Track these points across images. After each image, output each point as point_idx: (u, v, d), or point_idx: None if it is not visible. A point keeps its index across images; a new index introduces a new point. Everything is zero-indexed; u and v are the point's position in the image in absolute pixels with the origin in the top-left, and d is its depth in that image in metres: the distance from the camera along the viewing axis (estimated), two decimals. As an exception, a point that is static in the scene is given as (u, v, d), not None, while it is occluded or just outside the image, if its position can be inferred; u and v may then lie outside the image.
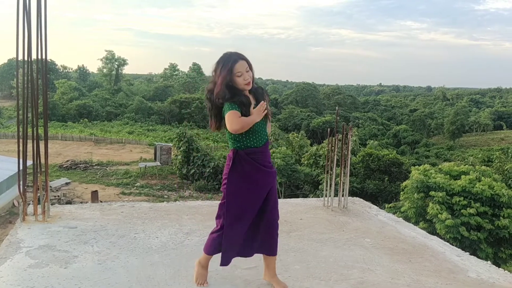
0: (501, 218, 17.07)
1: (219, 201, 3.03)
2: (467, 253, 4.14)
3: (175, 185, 33.94)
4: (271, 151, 31.16)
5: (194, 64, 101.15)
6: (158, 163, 38.03)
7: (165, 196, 29.68)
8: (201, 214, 4.64)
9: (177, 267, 3.30)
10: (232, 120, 2.60)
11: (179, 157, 35.11)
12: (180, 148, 35.19)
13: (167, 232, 4.04)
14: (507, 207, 17.42)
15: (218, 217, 2.94)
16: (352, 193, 6.13)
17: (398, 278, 3.36)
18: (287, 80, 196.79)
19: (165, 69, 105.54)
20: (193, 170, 34.13)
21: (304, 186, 31.65)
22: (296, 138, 39.83)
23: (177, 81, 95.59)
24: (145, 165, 36.44)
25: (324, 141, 35.53)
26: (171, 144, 40.01)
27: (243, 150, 2.76)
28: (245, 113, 2.67)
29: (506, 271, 3.80)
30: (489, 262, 4.06)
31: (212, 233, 2.98)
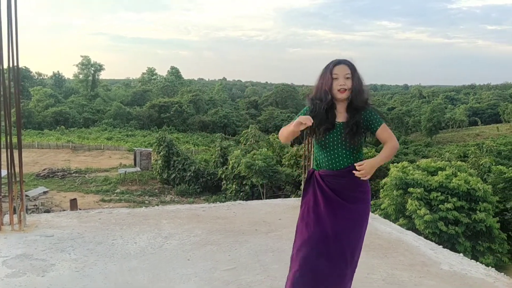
0: (477, 212, 17.52)
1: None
2: (440, 246, 4.27)
3: (156, 190, 33.65)
4: (251, 153, 31.23)
5: (172, 67, 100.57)
6: (138, 169, 37.65)
7: (146, 202, 29.41)
8: (180, 218, 4.65)
9: (156, 271, 3.32)
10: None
11: (159, 161, 34.85)
12: (160, 152, 34.92)
13: (146, 237, 4.05)
14: (483, 201, 17.89)
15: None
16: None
17: (373, 273, 3.45)
18: (267, 82, 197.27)
19: (143, 73, 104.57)
20: (174, 175, 33.91)
21: (286, 187, 31.77)
22: (277, 139, 39.95)
23: (156, 85, 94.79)
24: (125, 171, 36.02)
25: (303, 142, 35.76)
26: (150, 149, 39.66)
27: (317, 171, 2.46)
28: (316, 122, 2.37)
29: (477, 263, 3.93)
30: (461, 254, 4.19)
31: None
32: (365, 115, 2.41)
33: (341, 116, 2.42)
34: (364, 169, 2.29)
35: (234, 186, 31.20)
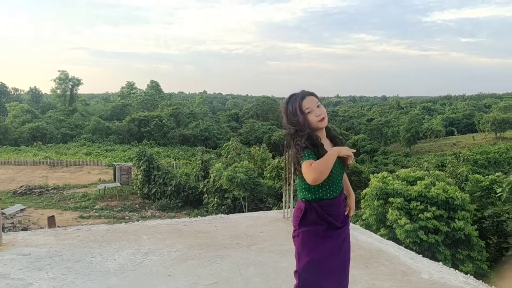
0: (456, 220, 17.75)
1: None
2: (420, 255, 4.33)
3: (137, 205, 33.20)
4: (233, 165, 31.17)
5: (152, 81, 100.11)
6: (118, 184, 37.11)
7: (126, 218, 28.97)
8: (161, 233, 4.60)
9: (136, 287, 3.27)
10: (309, 170, 2.20)
11: (140, 176, 34.46)
12: (140, 167, 34.55)
13: (125, 253, 3.99)
14: (461, 209, 18.16)
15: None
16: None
17: (355, 284, 3.46)
18: (247, 95, 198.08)
19: (122, 87, 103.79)
20: (154, 189, 33.55)
21: (268, 199, 31.74)
22: (258, 152, 40.02)
23: (135, 99, 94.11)
24: (104, 187, 35.46)
25: (285, 154, 35.91)
26: (130, 164, 39.23)
27: (316, 202, 2.38)
28: (321, 154, 2.31)
29: (456, 271, 3.99)
30: (440, 263, 4.25)
31: None
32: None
33: (326, 144, 2.41)
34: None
35: (215, 199, 31.02)
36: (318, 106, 2.38)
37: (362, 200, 21.22)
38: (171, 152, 58.47)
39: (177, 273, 3.48)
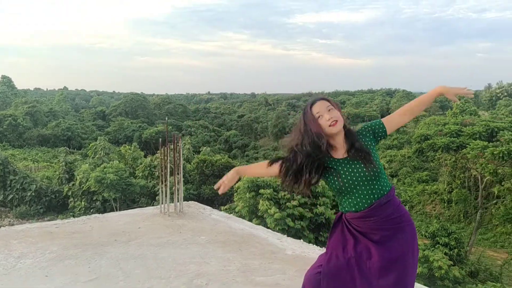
0: (318, 206, 19.63)
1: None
2: (285, 235, 4.88)
3: (-11, 214, 29.60)
4: (101, 166, 29.70)
5: (4, 76, 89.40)
6: (-35, 192, 32.58)
7: (-22, 229, 25.66)
8: (32, 236, 4.40)
9: (9, 293, 3.15)
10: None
11: (-8, 182, 30.76)
12: (-8, 172, 30.83)
13: (-7, 260, 3.76)
14: (322, 196, 20.13)
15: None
16: (189, 200, 6.52)
17: (229, 265, 3.82)
18: (114, 91, 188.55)
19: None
20: (11, 196, 30.29)
21: (141, 199, 30.99)
22: (129, 151, 38.70)
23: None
24: None
25: (158, 152, 35.37)
26: (-20, 169, 34.72)
27: (345, 214, 2.26)
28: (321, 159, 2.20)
29: (314, 245, 4.62)
30: (301, 240, 4.86)
31: None
32: (364, 134, 2.30)
33: (339, 150, 2.24)
34: None
35: (83, 203, 29.25)
36: (329, 110, 2.20)
37: (235, 194, 22.12)
38: (29, 154, 53.10)
39: (54, 273, 3.43)
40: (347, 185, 2.16)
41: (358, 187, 2.16)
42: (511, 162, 19.31)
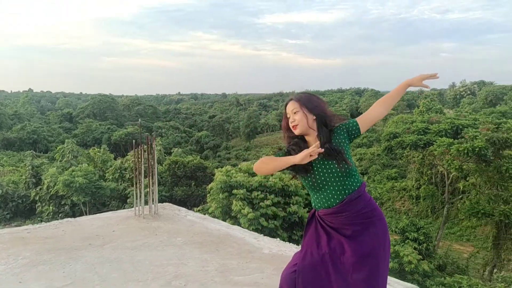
0: (291, 205, 19.79)
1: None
2: (262, 235, 4.92)
3: (-49, 222, 28.39)
4: (70, 169, 28.98)
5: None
6: None
7: None
8: (2, 242, 4.27)
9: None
10: (259, 159, 2.29)
11: (-46, 188, 29.53)
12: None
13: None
14: (295, 195, 20.31)
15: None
16: (161, 202, 6.45)
17: (207, 266, 3.82)
18: (81, 93, 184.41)
19: None
20: (-26, 202, 29.18)
21: (112, 202, 30.43)
22: (98, 153, 37.91)
23: None
24: None
25: (128, 154, 34.82)
26: None
27: (318, 211, 2.32)
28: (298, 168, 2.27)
29: (290, 244, 4.68)
30: (278, 239, 4.91)
31: None
32: (338, 132, 2.31)
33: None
34: None
35: (51, 207, 28.45)
36: (294, 113, 2.30)
37: (208, 194, 22.03)
38: (-7, 158, 51.30)
39: (28, 279, 3.35)
40: (319, 181, 2.23)
41: (330, 184, 2.22)
42: (475, 158, 20.01)
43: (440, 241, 24.37)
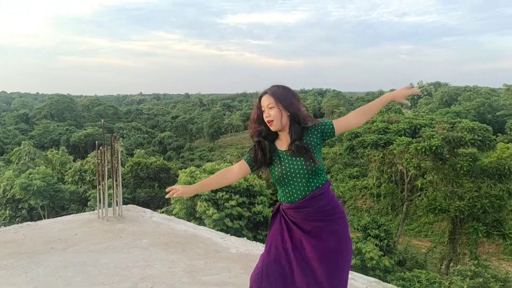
0: (256, 205, 19.89)
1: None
2: (229, 234, 4.94)
3: None
4: (27, 172, 27.92)
5: None
6: None
7: None
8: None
9: None
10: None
11: None
12: None
13: None
14: (260, 195, 20.43)
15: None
16: (125, 204, 6.34)
17: (174, 267, 3.81)
18: (37, 93, 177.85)
19: None
20: None
21: (71, 205, 29.53)
22: (56, 155, 36.71)
23: None
24: None
25: (88, 155, 33.91)
26: None
27: (282, 205, 2.34)
28: (262, 160, 2.32)
29: (257, 243, 4.72)
30: (245, 238, 4.94)
31: None
32: (312, 131, 2.31)
33: (284, 144, 2.32)
34: None
35: (7, 211, 27.32)
36: (270, 108, 2.28)
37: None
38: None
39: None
40: (285, 176, 2.25)
41: (295, 179, 2.24)
42: (432, 156, 20.76)
43: (400, 237, 25.13)
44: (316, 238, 2.22)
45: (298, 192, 2.24)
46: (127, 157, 37.11)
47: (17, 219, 26.75)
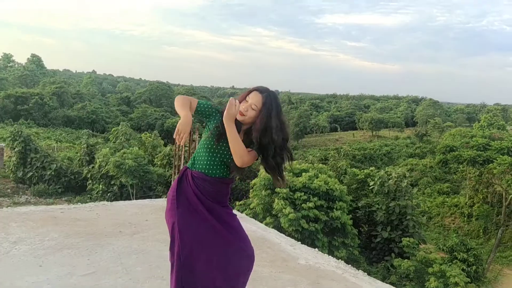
0: (334, 210, 19.24)
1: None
2: (299, 242, 4.58)
3: (8, 190, 30.13)
4: (121, 151, 29.86)
5: (34, 55, 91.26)
6: (-12, 166, 33.28)
7: (-4, 203, 26.14)
8: (33, 220, 4.22)
9: (0, 280, 2.95)
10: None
11: (14, 158, 31.29)
12: (14, 148, 31.36)
13: (-11, 242, 3.58)
14: (339, 200, 19.72)
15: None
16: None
17: (237, 271, 3.55)
18: (140, 78, 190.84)
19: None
20: (30, 173, 30.77)
21: (157, 187, 31.09)
22: (149, 138, 38.90)
23: (12, 74, 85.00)
24: (-30, 169, 31.55)
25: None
26: (3, 144, 35.40)
27: (191, 170, 2.34)
28: (206, 117, 2.34)
29: (329, 257, 4.31)
30: (316, 249, 4.55)
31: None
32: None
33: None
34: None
35: (101, 186, 29.50)
36: (252, 108, 2.25)
37: (251, 190, 21.88)
38: (53, 134, 54.02)
39: (49, 263, 3.22)
40: (213, 148, 2.28)
41: (214, 151, 2.29)
42: (540, 181, 18.50)
43: (490, 264, 22.89)
44: (211, 212, 2.35)
45: (215, 168, 2.32)
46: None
47: (108, 194, 28.78)
